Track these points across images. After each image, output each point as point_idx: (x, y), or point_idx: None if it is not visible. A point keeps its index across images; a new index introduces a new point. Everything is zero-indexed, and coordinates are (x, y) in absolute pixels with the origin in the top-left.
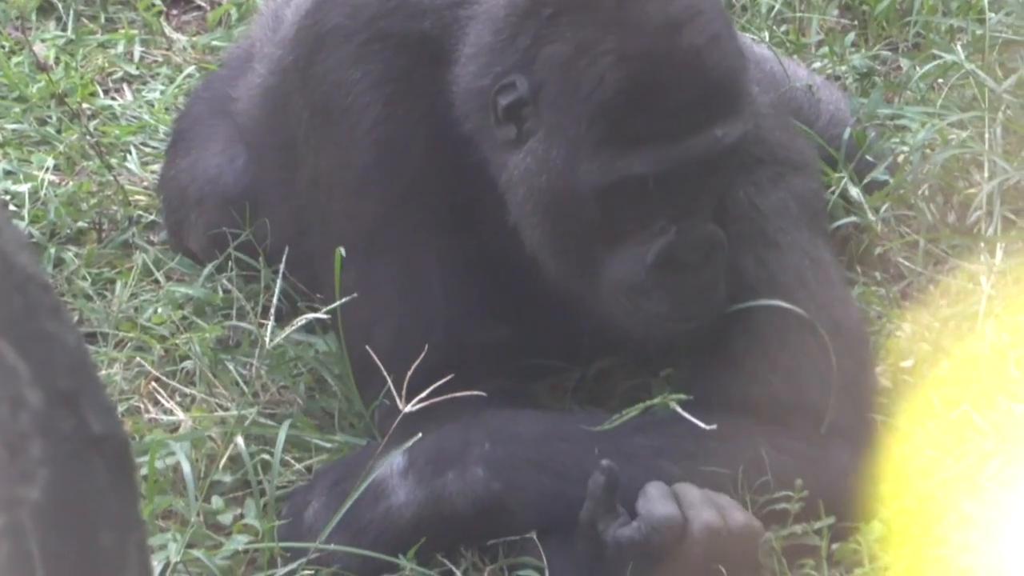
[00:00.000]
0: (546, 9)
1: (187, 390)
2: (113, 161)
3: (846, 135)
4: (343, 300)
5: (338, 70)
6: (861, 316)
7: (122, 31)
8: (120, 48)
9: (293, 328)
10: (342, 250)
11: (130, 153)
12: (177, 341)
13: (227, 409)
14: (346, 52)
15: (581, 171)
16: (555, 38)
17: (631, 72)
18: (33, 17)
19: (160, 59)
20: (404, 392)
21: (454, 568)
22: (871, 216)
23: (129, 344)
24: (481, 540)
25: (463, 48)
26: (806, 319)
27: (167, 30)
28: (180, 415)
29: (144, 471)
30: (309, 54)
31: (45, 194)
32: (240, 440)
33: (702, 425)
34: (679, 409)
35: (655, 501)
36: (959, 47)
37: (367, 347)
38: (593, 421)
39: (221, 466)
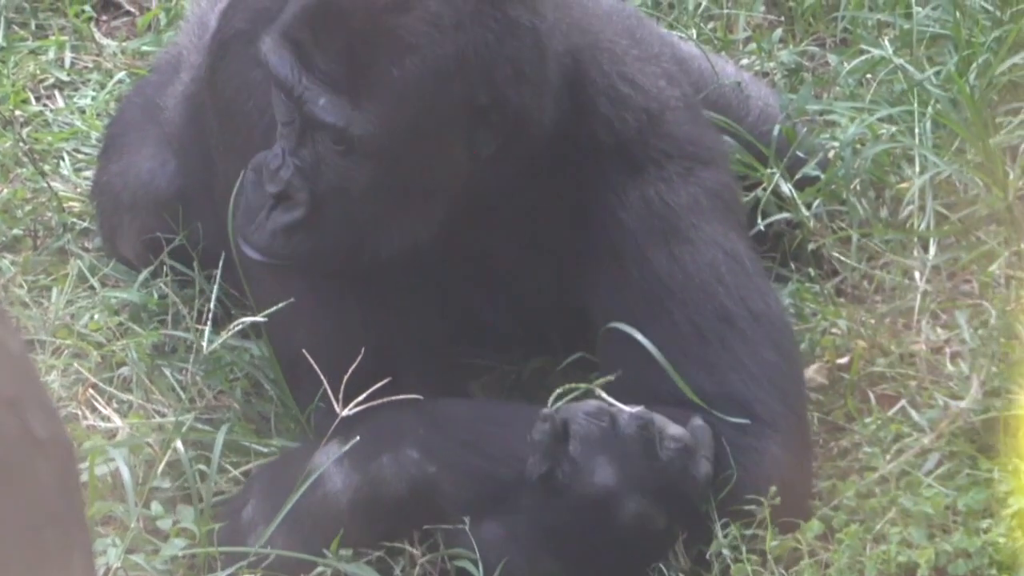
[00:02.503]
0: None
1: (124, 396)
2: (46, 168)
3: (776, 131)
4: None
5: (240, 75)
6: (782, 307)
7: (53, 37)
8: (51, 54)
9: (228, 334)
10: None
11: (63, 160)
12: (114, 347)
13: (164, 415)
14: (247, 56)
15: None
16: None
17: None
18: None
19: (91, 65)
20: (339, 395)
21: (391, 561)
22: (803, 212)
23: (66, 351)
24: (417, 524)
25: None
26: (724, 312)
27: (97, 36)
28: (118, 422)
29: (84, 477)
30: (215, 60)
31: None
32: (180, 445)
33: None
34: (604, 395)
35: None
36: (887, 42)
37: (294, 352)
38: (523, 408)
39: (160, 472)
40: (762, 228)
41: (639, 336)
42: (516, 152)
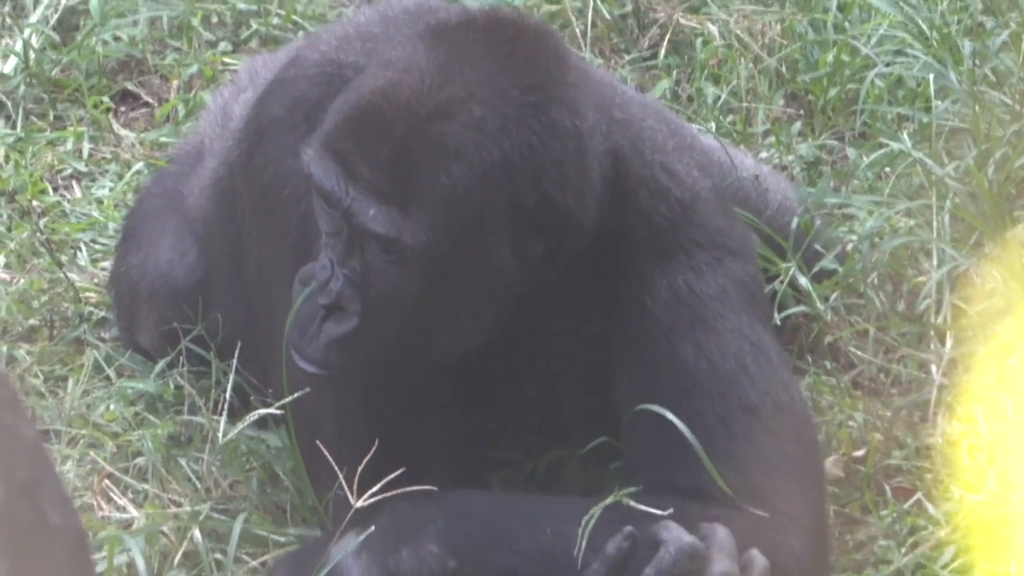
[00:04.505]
0: (389, 52)
1: (140, 486)
2: (63, 258)
3: (794, 224)
4: (294, 395)
5: (277, 161)
6: (804, 399)
7: (71, 128)
8: (69, 145)
9: (245, 424)
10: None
11: (80, 250)
12: (130, 437)
13: (180, 505)
14: (286, 144)
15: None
16: (368, 72)
17: (370, 101)
18: None
19: (109, 156)
20: (356, 484)
21: None
22: (820, 305)
23: (82, 441)
24: None
25: None
26: (748, 403)
27: (115, 127)
28: (133, 512)
29: (100, 567)
30: (251, 146)
31: None
32: (197, 535)
33: (657, 512)
34: (633, 503)
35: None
36: (906, 135)
37: (316, 440)
38: (546, 500)
39: (176, 562)
40: (778, 322)
41: (672, 418)
42: (562, 252)
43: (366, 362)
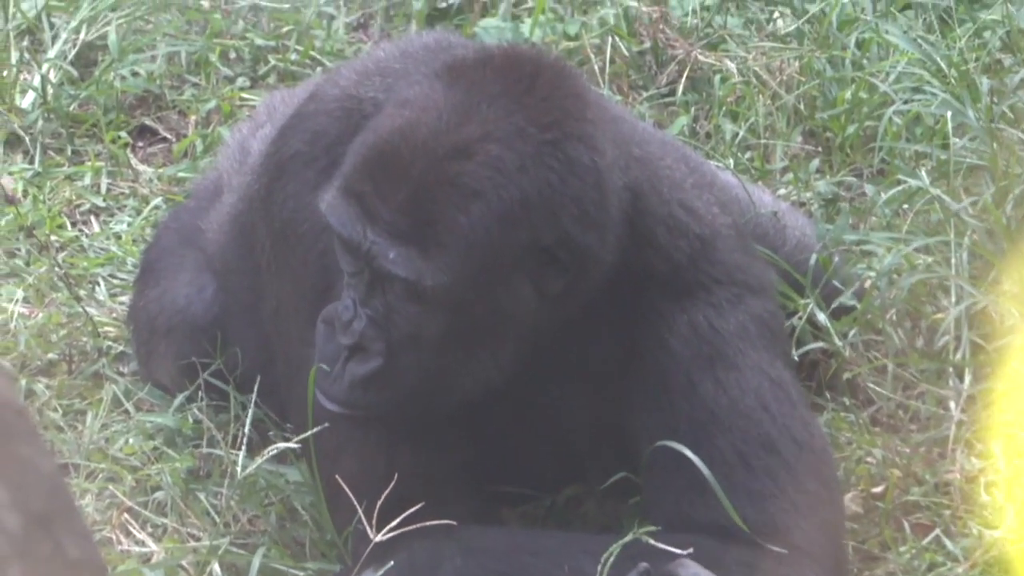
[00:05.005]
0: (407, 91)
1: (159, 520)
2: (82, 293)
3: (812, 261)
4: (315, 429)
5: (297, 196)
6: (824, 435)
7: (89, 163)
8: (87, 180)
9: (264, 458)
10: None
11: (98, 285)
12: (148, 471)
13: (199, 539)
14: (306, 178)
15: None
16: (387, 111)
17: (388, 142)
18: (0, 150)
19: (127, 191)
20: (375, 519)
21: None
22: (839, 341)
23: (101, 475)
24: None
25: None
26: (768, 440)
27: (133, 162)
28: (152, 546)
29: None
30: (271, 181)
31: (15, 326)
32: (216, 568)
33: (677, 551)
34: (652, 541)
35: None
36: (924, 172)
37: (335, 475)
38: (563, 537)
39: None
40: (796, 358)
41: (691, 455)
42: (582, 288)
43: (390, 401)
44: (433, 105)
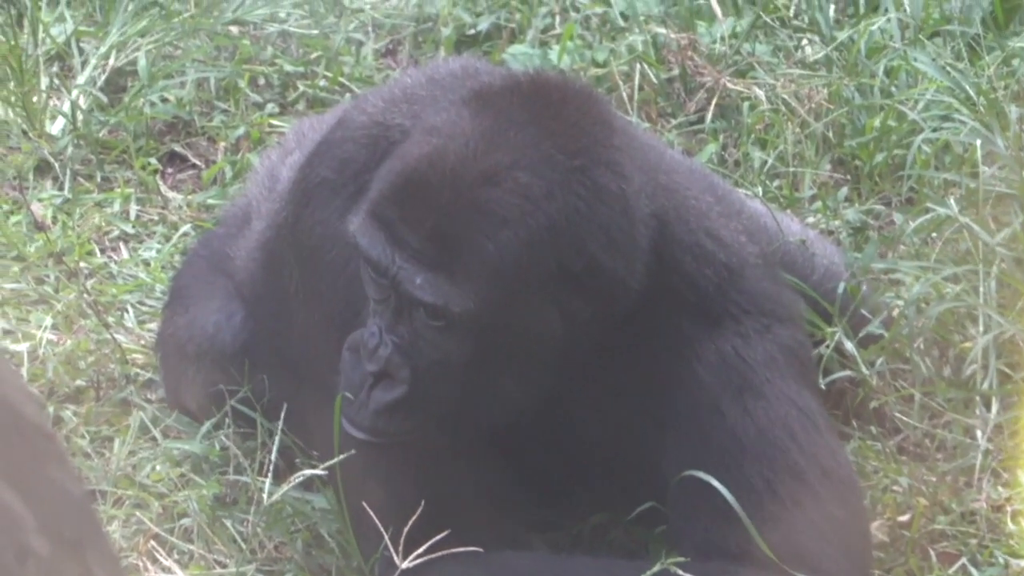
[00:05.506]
0: (434, 117)
1: (186, 547)
2: (110, 319)
3: (840, 289)
4: (341, 456)
5: (324, 223)
6: (851, 464)
7: (118, 190)
8: (116, 207)
9: (290, 485)
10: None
11: (127, 311)
12: (175, 498)
13: (225, 566)
14: (333, 206)
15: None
16: (414, 138)
17: (416, 169)
18: (30, 176)
19: (156, 217)
20: (402, 545)
21: None
22: (866, 370)
23: (128, 501)
24: None
25: None
26: (796, 468)
27: (163, 188)
28: (179, 572)
29: None
30: (298, 208)
31: (43, 353)
32: None
33: None
34: (680, 572)
35: None
36: (953, 201)
37: (362, 501)
38: (591, 563)
39: None
40: (823, 386)
41: (717, 485)
42: (608, 315)
43: (415, 429)
44: (461, 132)
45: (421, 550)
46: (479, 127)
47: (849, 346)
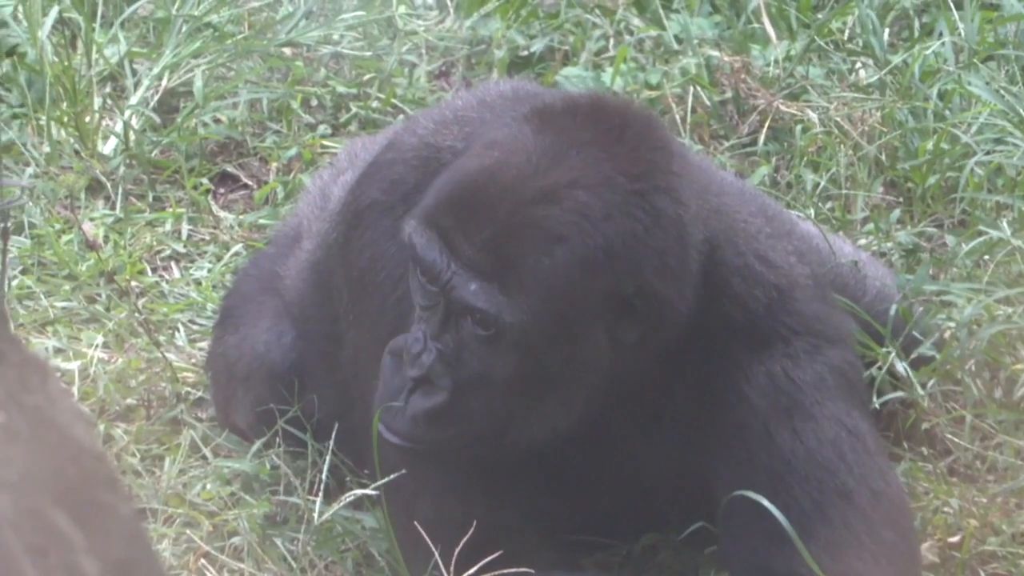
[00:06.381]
0: (493, 133)
1: (236, 565)
2: (161, 338)
3: (892, 311)
4: (391, 476)
5: (374, 244)
6: (901, 485)
7: (170, 209)
8: (168, 226)
9: (341, 504)
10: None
11: (178, 330)
12: (226, 517)
13: None
14: (383, 227)
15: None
16: (472, 154)
17: (475, 180)
18: (82, 196)
19: (207, 237)
20: (453, 566)
21: None
22: (918, 391)
23: (178, 520)
24: None
25: None
26: (845, 490)
27: (214, 208)
28: None
29: None
30: (348, 229)
31: (94, 371)
32: None
33: None
34: None
35: None
36: (1005, 224)
37: (411, 521)
38: None
39: None
40: (877, 406)
41: (768, 505)
42: (657, 340)
43: (453, 439)
44: (522, 148)
45: (472, 571)
46: (540, 145)
47: (901, 367)
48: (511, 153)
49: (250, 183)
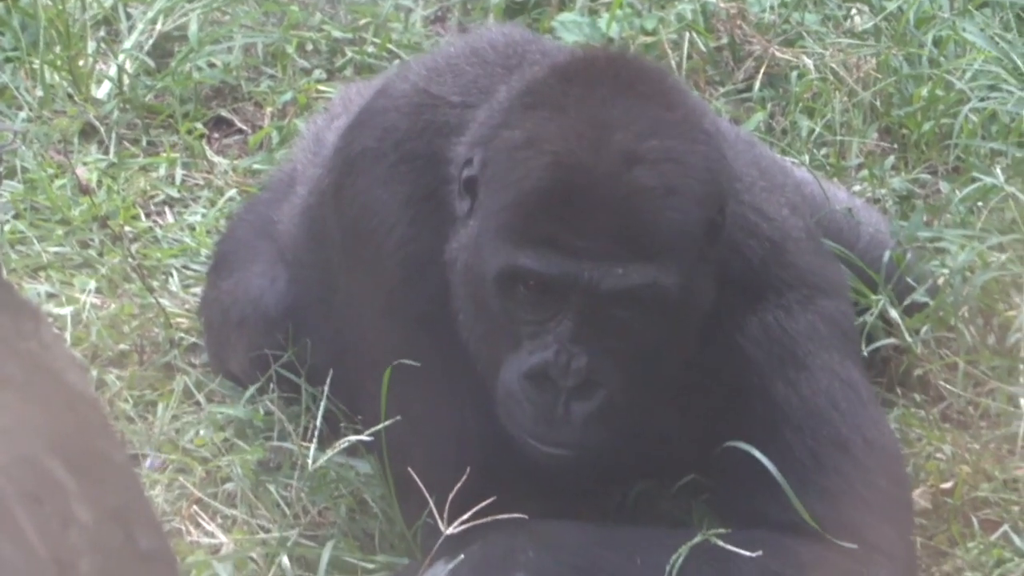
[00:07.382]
0: (526, 98)
1: (229, 512)
2: (155, 284)
3: (886, 257)
4: (386, 422)
5: (367, 192)
6: (894, 435)
7: (164, 154)
8: (162, 171)
9: (335, 451)
10: (383, 371)
11: (171, 276)
12: (219, 463)
13: (269, 531)
14: (375, 174)
15: (486, 253)
16: (516, 124)
17: (558, 176)
18: (75, 140)
19: (201, 182)
20: (446, 512)
21: None
22: (910, 338)
23: (171, 466)
24: None
25: None
26: (839, 439)
27: (208, 153)
28: (222, 537)
29: None
30: (341, 176)
31: (87, 317)
32: (286, 560)
33: (746, 554)
34: (722, 543)
35: None
36: (999, 170)
37: (406, 467)
38: (635, 532)
39: None
40: (865, 354)
41: (760, 456)
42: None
43: (621, 428)
44: (571, 130)
45: (466, 516)
46: (586, 114)
47: (894, 314)
48: (564, 140)
49: (245, 128)
